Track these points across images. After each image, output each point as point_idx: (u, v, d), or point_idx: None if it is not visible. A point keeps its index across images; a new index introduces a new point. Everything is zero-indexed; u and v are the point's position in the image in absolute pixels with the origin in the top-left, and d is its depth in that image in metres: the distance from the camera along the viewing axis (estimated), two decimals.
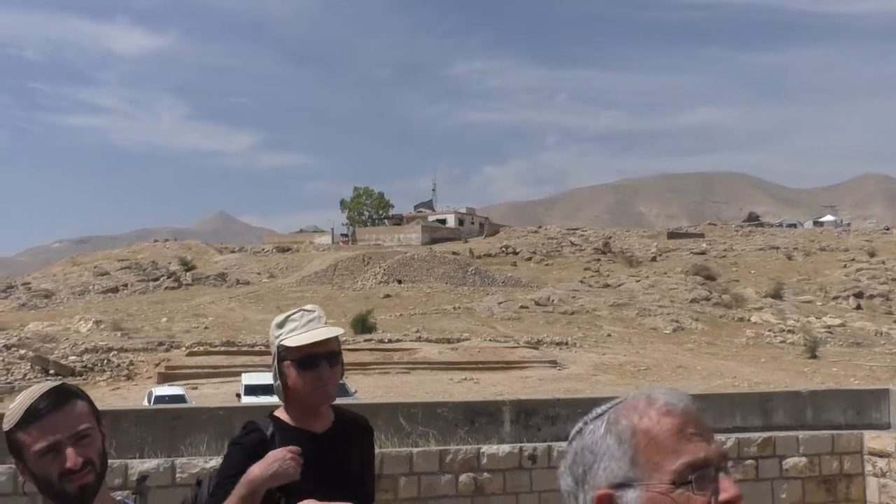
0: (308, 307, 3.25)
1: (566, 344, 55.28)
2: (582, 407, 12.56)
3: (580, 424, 1.61)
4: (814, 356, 52.47)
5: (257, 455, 3.00)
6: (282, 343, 3.11)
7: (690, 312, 68.40)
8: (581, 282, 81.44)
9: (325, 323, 3.21)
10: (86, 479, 2.14)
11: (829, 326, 65.33)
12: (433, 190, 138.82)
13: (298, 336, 3.09)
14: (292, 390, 3.12)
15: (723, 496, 1.48)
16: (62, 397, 2.17)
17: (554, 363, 48.12)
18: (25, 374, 44.66)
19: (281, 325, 3.17)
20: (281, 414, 3.20)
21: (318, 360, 3.09)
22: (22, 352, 47.96)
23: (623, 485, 1.51)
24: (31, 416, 2.13)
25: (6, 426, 2.17)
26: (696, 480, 1.48)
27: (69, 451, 2.11)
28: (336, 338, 3.21)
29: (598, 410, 1.61)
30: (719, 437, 8.16)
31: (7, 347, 48.81)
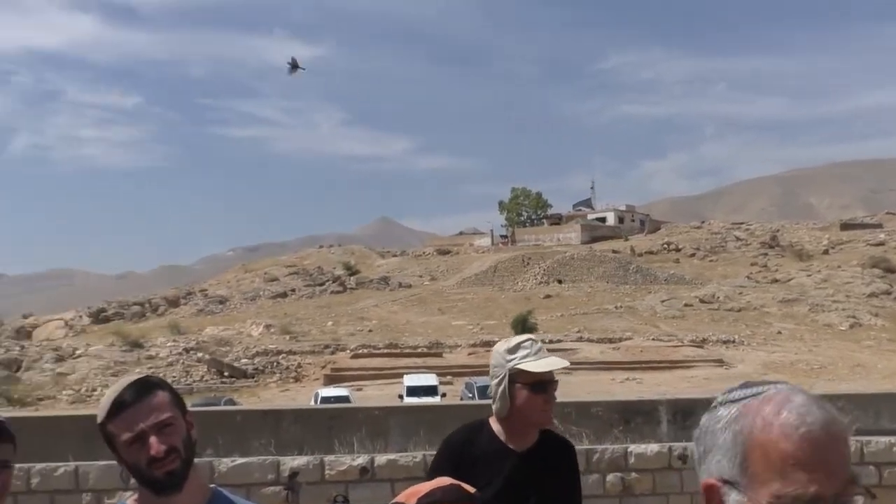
0: (532, 336, 3.55)
1: (733, 342, 53.65)
2: None
3: (719, 398, 1.57)
4: None
5: (462, 453, 3.37)
6: (516, 367, 3.37)
7: (868, 307, 64.98)
8: (748, 277, 78.89)
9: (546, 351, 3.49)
10: (171, 466, 2.22)
11: None
12: (591, 188, 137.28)
13: (535, 362, 3.37)
14: (519, 410, 3.38)
15: None
16: (144, 389, 2.27)
17: (720, 362, 46.76)
18: (203, 376, 46.97)
19: (513, 351, 3.41)
20: (493, 424, 3.48)
21: (547, 385, 3.40)
22: (199, 355, 50.49)
23: (730, 483, 1.48)
24: (117, 408, 2.23)
25: (98, 419, 2.28)
26: None
27: (153, 440, 2.20)
28: None
29: (736, 395, 1.55)
30: (886, 439, 7.62)
31: (186, 351, 51.50)
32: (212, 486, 2.38)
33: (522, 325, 56.00)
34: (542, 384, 3.37)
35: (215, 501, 2.34)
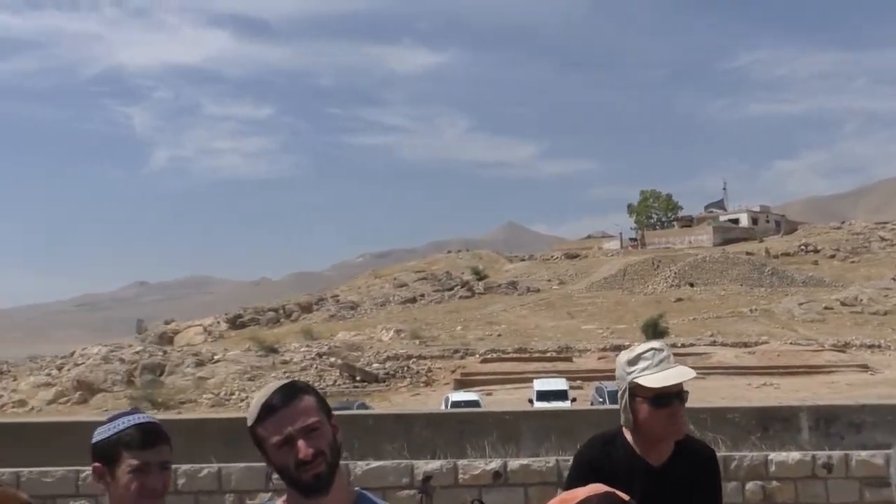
0: (656, 345, 3.29)
1: (878, 347, 51.44)
2: (893, 414, 11.51)
3: None
4: None
5: (600, 468, 3.14)
6: (635, 381, 3.18)
7: None
8: (894, 279, 75.39)
9: (673, 360, 3.26)
10: (318, 469, 2.28)
11: None
12: (724, 189, 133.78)
13: (653, 376, 3.15)
14: (643, 425, 3.21)
15: None
16: (291, 393, 2.33)
17: (865, 367, 44.86)
18: (335, 381, 47.91)
19: (633, 363, 3.23)
20: (627, 435, 3.30)
21: (672, 398, 3.16)
22: (332, 360, 51.52)
23: None
24: (267, 412, 2.30)
25: (248, 423, 2.35)
26: None
27: (300, 443, 2.26)
28: None
29: None
30: None
31: (319, 356, 52.65)
32: (356, 488, 2.43)
33: (653, 329, 55.03)
34: (665, 397, 3.13)
35: None
